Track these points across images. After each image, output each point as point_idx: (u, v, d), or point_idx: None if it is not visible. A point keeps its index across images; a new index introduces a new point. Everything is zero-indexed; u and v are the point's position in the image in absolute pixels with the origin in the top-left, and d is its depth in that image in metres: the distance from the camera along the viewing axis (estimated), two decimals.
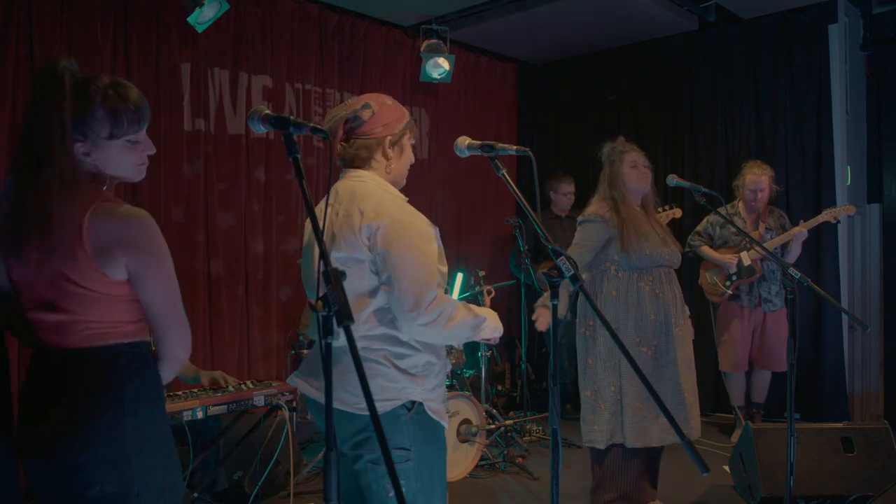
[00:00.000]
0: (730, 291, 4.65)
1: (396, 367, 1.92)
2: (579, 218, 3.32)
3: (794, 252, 4.47)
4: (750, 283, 4.65)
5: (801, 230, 4.41)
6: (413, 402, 1.94)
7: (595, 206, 3.27)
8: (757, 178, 4.60)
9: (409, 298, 1.83)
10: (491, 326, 2.04)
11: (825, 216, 4.41)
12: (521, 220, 5.21)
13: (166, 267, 1.60)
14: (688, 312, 3.31)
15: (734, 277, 4.64)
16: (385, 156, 2.03)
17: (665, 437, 3.11)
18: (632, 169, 3.24)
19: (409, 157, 2.10)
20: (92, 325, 1.54)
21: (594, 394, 3.22)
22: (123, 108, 1.58)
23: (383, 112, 2.02)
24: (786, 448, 2.61)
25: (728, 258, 4.62)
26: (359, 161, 2.03)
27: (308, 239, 2.10)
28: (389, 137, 2.02)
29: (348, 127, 2.02)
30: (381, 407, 1.90)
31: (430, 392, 1.98)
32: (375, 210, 1.89)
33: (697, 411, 3.23)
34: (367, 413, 1.85)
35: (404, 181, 2.12)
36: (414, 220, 1.93)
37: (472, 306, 2.02)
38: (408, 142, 2.08)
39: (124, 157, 1.61)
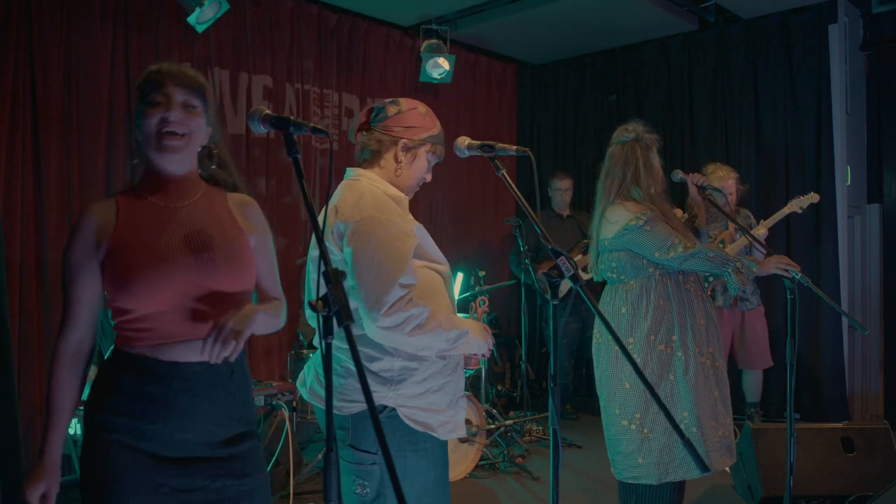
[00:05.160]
0: (707, 293, 4.66)
1: (367, 369, 1.86)
2: (631, 222, 2.67)
3: (759, 253, 4.40)
4: (721, 282, 4.64)
5: (762, 231, 4.26)
6: (384, 407, 1.86)
7: (633, 206, 2.70)
8: (723, 184, 4.35)
9: (370, 298, 1.75)
10: (474, 341, 1.90)
11: (791, 207, 4.25)
12: (521, 220, 5.21)
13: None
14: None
15: (710, 279, 4.64)
16: (396, 158, 1.97)
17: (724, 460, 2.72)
18: (661, 166, 2.80)
19: (420, 169, 2.00)
20: None
21: (637, 423, 2.67)
22: (145, 75, 1.63)
23: (410, 115, 1.97)
24: (786, 448, 2.61)
25: None
26: (368, 154, 1.99)
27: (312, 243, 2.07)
28: (405, 141, 1.96)
29: (371, 117, 1.99)
30: (354, 408, 1.86)
31: (411, 399, 1.87)
32: (351, 208, 1.84)
33: None
34: (341, 413, 1.87)
35: (412, 193, 2.05)
36: (388, 216, 1.85)
37: (457, 318, 1.90)
38: (424, 153, 1.99)
39: (144, 122, 1.60)
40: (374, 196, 1.89)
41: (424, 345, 1.82)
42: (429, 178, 2.05)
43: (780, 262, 2.67)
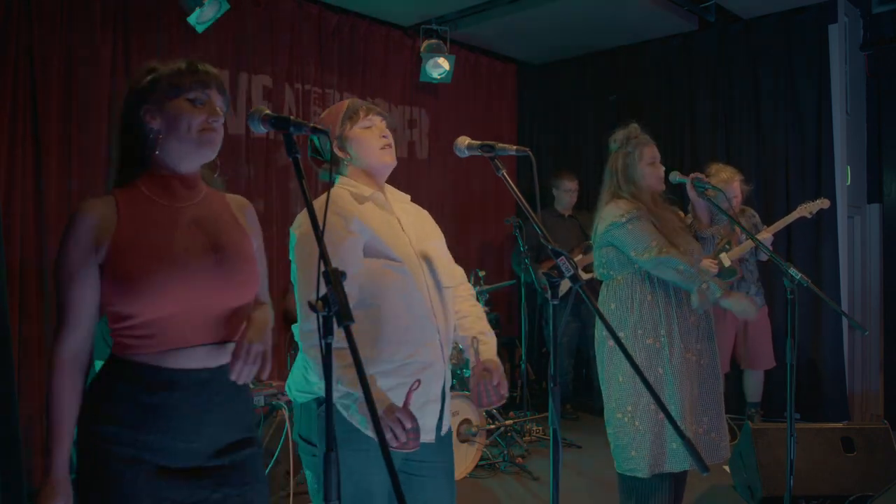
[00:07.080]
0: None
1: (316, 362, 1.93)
2: (616, 220, 2.75)
3: (763, 254, 4.42)
4: (730, 284, 4.61)
5: (766, 236, 4.28)
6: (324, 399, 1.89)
7: (624, 204, 2.78)
8: (727, 186, 4.27)
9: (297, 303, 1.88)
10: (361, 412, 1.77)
11: (800, 212, 4.32)
12: (521, 220, 5.21)
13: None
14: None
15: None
16: (345, 156, 2.02)
17: (713, 457, 2.75)
18: (650, 167, 2.83)
19: (366, 145, 2.00)
20: None
21: (629, 415, 2.72)
22: (187, 70, 1.57)
23: (326, 119, 2.06)
24: (786, 448, 2.61)
25: (707, 264, 4.52)
26: (337, 170, 2.07)
27: None
28: (337, 138, 2.03)
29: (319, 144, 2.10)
30: (300, 398, 1.95)
31: (344, 396, 1.85)
32: (300, 218, 1.95)
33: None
34: (295, 402, 2.00)
35: (382, 162, 2.03)
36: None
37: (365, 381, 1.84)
38: (355, 132, 2.01)
39: (184, 116, 1.54)
40: (322, 204, 1.89)
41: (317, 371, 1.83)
42: (387, 137, 2.03)
43: (743, 304, 2.81)
